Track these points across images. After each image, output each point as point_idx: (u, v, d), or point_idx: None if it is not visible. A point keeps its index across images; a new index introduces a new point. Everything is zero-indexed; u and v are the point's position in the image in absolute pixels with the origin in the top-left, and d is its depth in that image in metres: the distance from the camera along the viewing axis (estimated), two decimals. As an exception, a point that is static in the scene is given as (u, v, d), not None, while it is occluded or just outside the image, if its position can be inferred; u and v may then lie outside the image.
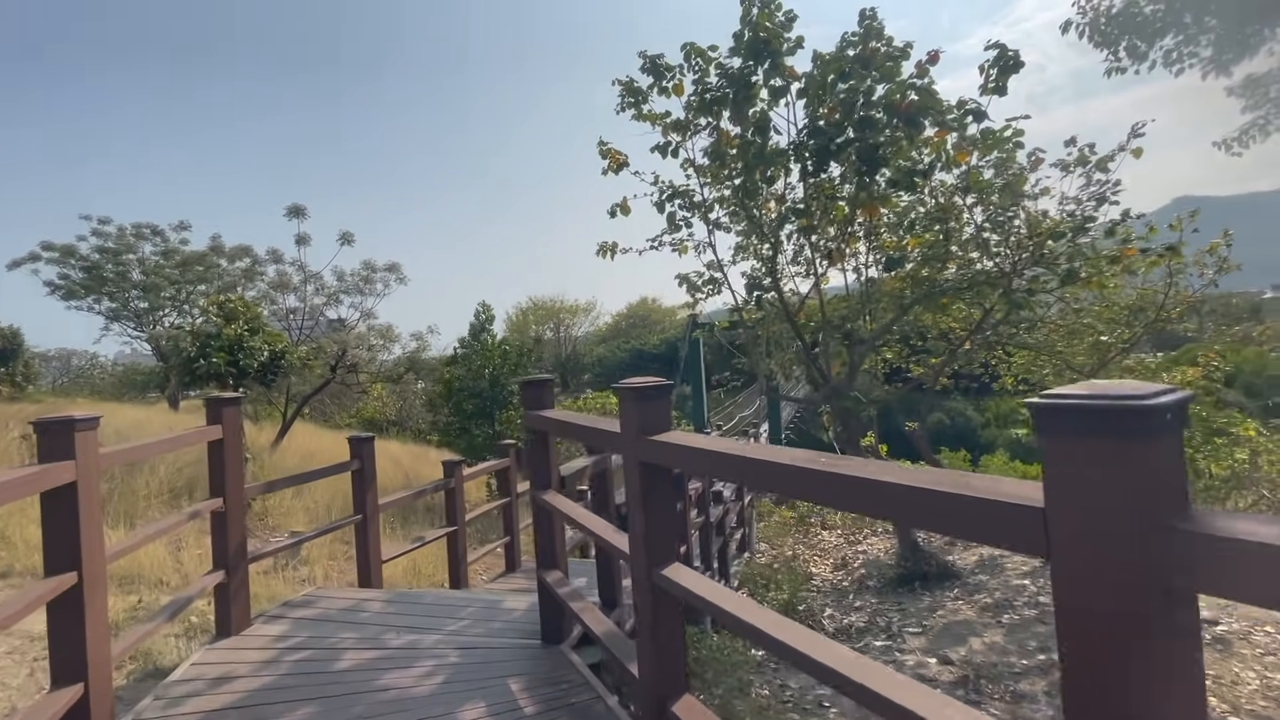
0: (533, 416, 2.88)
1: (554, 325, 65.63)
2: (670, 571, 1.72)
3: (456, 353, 12.46)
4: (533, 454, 2.96)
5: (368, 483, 4.16)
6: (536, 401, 2.91)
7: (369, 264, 11.98)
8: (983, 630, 5.40)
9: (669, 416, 1.81)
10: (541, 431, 2.91)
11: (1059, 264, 6.29)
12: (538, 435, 2.92)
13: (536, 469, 2.95)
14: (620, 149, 7.12)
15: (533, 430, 2.93)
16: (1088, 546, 0.81)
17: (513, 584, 5.62)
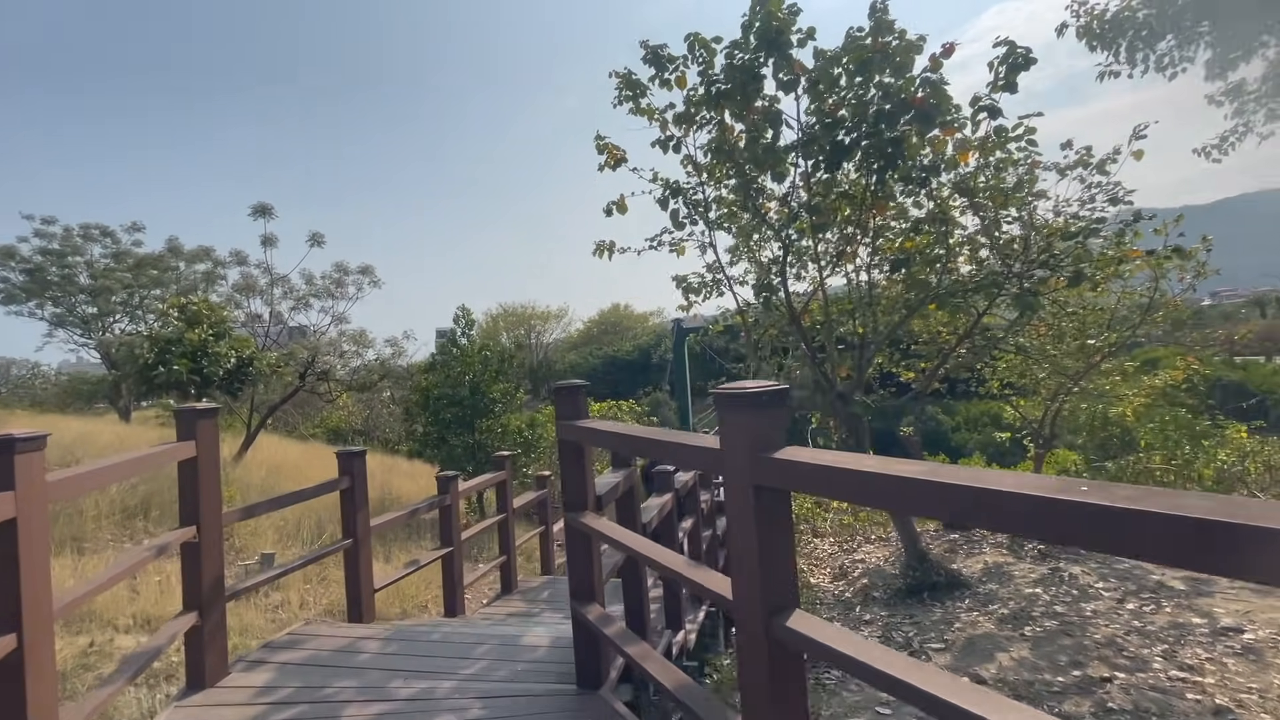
0: (567, 427, 2.50)
1: (525, 331, 64.83)
2: (796, 622, 1.37)
3: (434, 359, 11.90)
4: (566, 470, 2.59)
5: (359, 503, 3.72)
6: (571, 410, 2.54)
7: (341, 266, 11.38)
8: (1008, 644, 5.18)
9: (784, 428, 1.47)
10: (575, 444, 2.54)
11: (1064, 265, 6.19)
12: (571, 449, 2.55)
13: (570, 487, 2.58)
14: (618, 145, 6.80)
15: (565, 443, 2.55)
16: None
17: (510, 606, 5.20)
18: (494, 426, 12.10)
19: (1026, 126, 5.68)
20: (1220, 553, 0.70)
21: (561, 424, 2.54)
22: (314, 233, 11.62)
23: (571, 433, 2.51)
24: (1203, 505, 0.73)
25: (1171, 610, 5.61)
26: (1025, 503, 0.91)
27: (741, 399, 1.45)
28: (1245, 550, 0.67)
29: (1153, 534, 0.75)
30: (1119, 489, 0.82)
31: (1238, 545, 0.68)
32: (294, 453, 16.36)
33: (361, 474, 3.75)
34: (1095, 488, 0.86)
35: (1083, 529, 0.84)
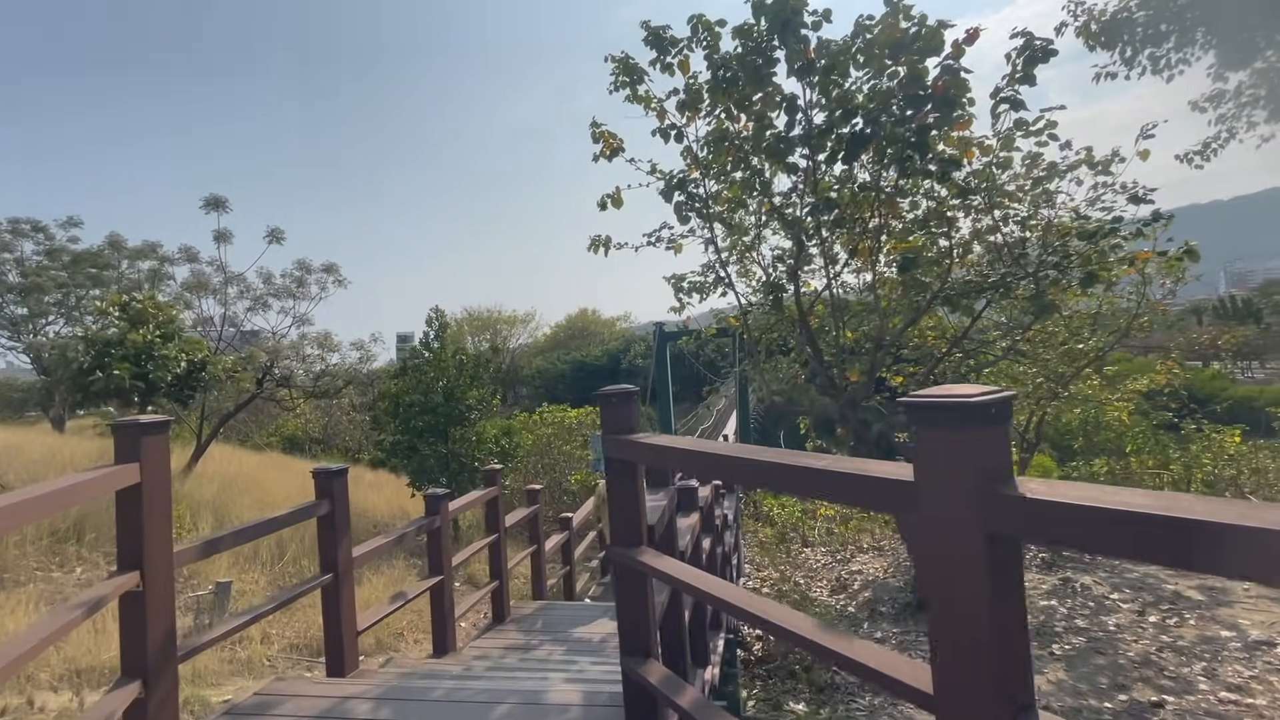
0: (619, 443, 2.03)
1: (492, 336, 63.61)
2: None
3: (406, 364, 11.20)
4: (615, 497, 2.11)
5: (340, 532, 3.15)
6: (620, 421, 2.07)
7: (302, 264, 10.60)
8: (1040, 665, 4.89)
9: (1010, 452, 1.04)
10: (629, 465, 2.07)
11: (1074, 266, 6.00)
12: (622, 471, 2.08)
13: (621, 517, 2.11)
14: (614, 133, 6.35)
15: (615, 463, 2.08)
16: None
17: (505, 638, 4.66)
18: (468, 435, 11.45)
19: (1048, 120, 5.46)
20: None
21: (610, 439, 2.07)
22: (272, 228, 10.80)
23: (624, 450, 2.04)
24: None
25: (1196, 623, 5.42)
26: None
27: (956, 410, 1.01)
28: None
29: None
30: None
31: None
32: (249, 464, 15.31)
33: (343, 497, 3.19)
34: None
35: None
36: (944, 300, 6.27)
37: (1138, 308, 8.87)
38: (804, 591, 8.03)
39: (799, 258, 5.78)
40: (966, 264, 6.78)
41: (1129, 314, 9.10)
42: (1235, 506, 0.87)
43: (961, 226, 6.64)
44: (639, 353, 60.92)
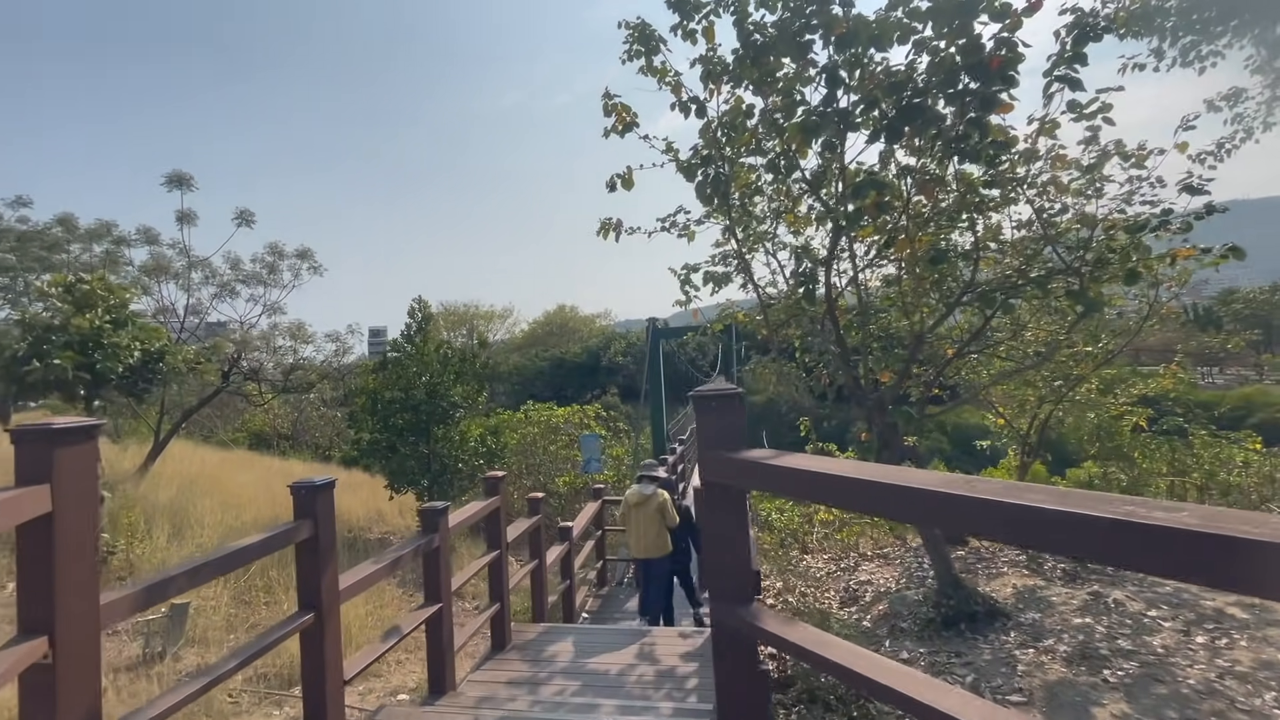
0: (721, 461, 1.49)
1: (468, 331, 62.48)
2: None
3: (386, 357, 10.48)
4: (712, 533, 1.57)
5: (324, 560, 2.55)
6: (722, 432, 1.53)
7: (274, 248, 9.81)
8: (1095, 695, 4.48)
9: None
10: (733, 491, 1.53)
11: (1113, 261, 5.63)
12: (725, 498, 1.53)
13: (719, 561, 1.56)
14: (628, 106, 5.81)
15: (716, 488, 1.54)
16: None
17: (509, 670, 4.08)
18: (451, 435, 10.78)
19: (1103, 102, 5.06)
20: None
21: (710, 456, 1.53)
22: (241, 210, 9.99)
23: (729, 471, 1.50)
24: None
25: (1248, 644, 5.07)
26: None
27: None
28: None
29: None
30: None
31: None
32: (212, 462, 14.39)
33: (328, 516, 2.59)
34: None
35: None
36: (978, 297, 5.86)
37: (1148, 310, 8.58)
38: (823, 609, 7.57)
39: (835, 245, 5.28)
40: (992, 261, 6.40)
41: (1138, 316, 8.82)
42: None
43: (991, 217, 6.26)
44: (619, 350, 60.26)
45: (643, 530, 5.59)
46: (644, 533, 5.60)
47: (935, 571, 6.56)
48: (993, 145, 4.74)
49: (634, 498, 5.68)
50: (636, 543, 5.67)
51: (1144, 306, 8.61)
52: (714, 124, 5.64)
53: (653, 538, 5.62)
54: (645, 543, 5.61)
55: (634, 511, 5.70)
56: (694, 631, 4.70)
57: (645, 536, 5.60)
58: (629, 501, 5.80)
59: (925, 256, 6.08)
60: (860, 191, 4.70)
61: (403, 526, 12.16)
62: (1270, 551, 0.68)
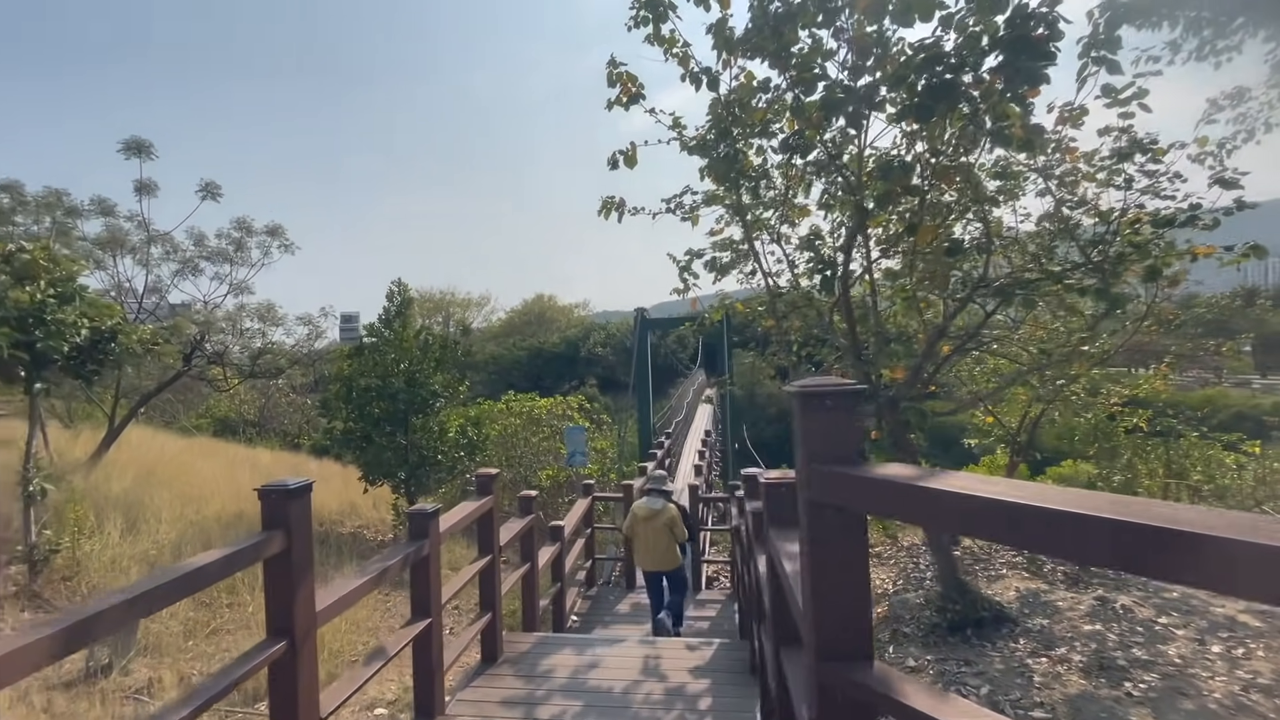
0: (835, 479, 1.13)
1: (444, 319, 61.39)
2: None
3: (362, 342, 9.93)
4: (820, 570, 1.21)
5: (298, 578, 2.14)
6: (834, 438, 1.17)
7: (242, 223, 9.17)
8: (1121, 710, 4.27)
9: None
10: (847, 515, 1.17)
11: (1131, 258, 5.42)
12: (835, 524, 1.17)
13: (827, 604, 1.20)
14: (634, 75, 5.40)
15: (826, 510, 1.18)
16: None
17: (502, 688, 3.70)
18: (430, 425, 10.29)
19: (1139, 88, 4.81)
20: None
21: (819, 471, 1.16)
22: (207, 182, 9.31)
23: (848, 491, 1.13)
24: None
25: (1265, 654, 4.92)
26: None
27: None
28: None
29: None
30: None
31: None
32: (173, 450, 13.64)
33: (303, 525, 2.17)
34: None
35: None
36: (996, 291, 5.60)
37: (1147, 309, 8.46)
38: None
39: (857, 230, 4.96)
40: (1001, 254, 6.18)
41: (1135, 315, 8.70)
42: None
43: (993, 211, 6.02)
44: (598, 341, 59.77)
45: (652, 544, 5.47)
46: (653, 546, 5.48)
47: (940, 574, 6.33)
48: (1027, 128, 4.44)
49: (643, 512, 5.52)
50: (645, 556, 5.52)
51: (1140, 306, 8.49)
52: (727, 99, 5.27)
53: (662, 551, 5.50)
54: (655, 556, 5.49)
55: (643, 525, 5.52)
56: (701, 643, 4.38)
57: (655, 550, 5.48)
58: (637, 515, 5.57)
59: (940, 248, 5.82)
60: (888, 173, 4.38)
61: (377, 520, 11.63)
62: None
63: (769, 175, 5.94)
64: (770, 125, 5.37)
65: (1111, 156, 5.27)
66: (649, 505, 5.55)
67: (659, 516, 5.50)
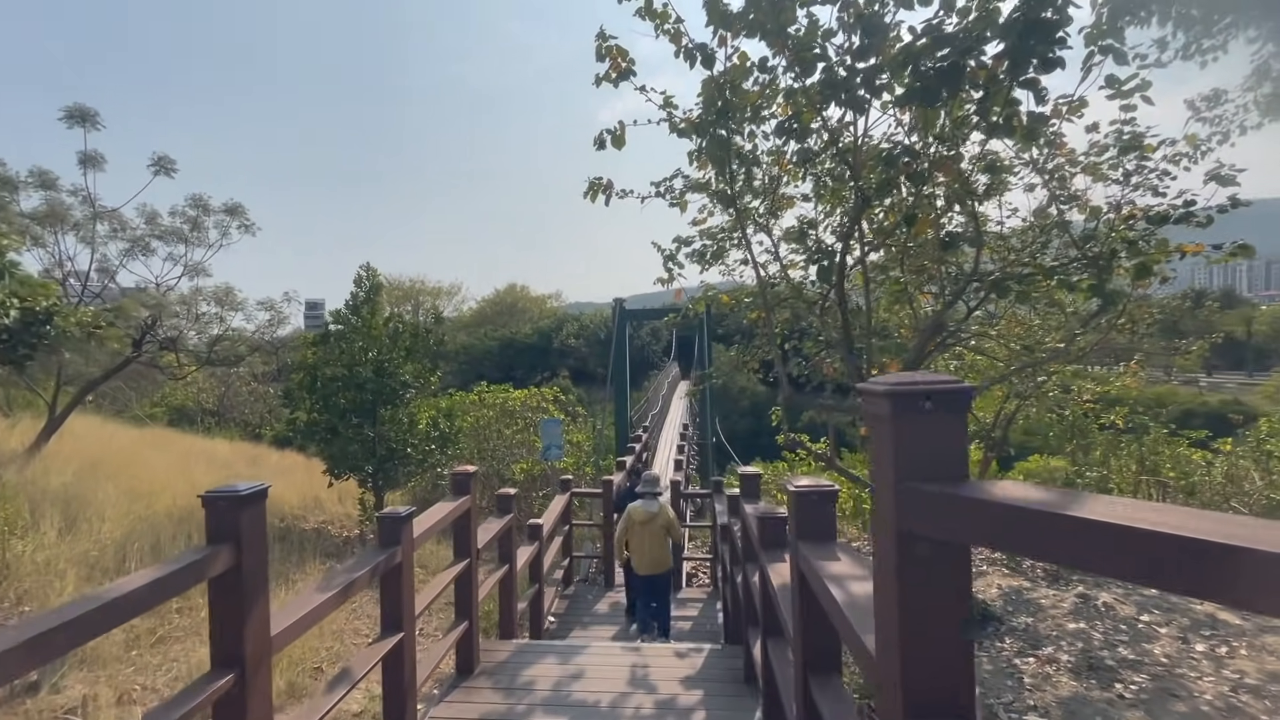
0: (947, 502, 0.89)
1: (413, 307, 60.12)
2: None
3: (328, 329, 9.44)
4: (913, 617, 0.97)
5: (251, 599, 1.83)
6: (940, 452, 0.93)
7: (198, 200, 8.59)
8: (1114, 712, 4.20)
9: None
10: (951, 550, 0.93)
11: (1121, 255, 5.37)
12: (935, 560, 0.94)
13: (913, 660, 0.97)
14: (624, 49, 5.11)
15: (916, 543, 0.94)
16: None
17: (480, 704, 3.43)
18: (400, 417, 9.87)
19: (1143, 79, 4.71)
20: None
21: (915, 492, 0.93)
22: (159, 156, 8.68)
23: (952, 517, 0.90)
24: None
25: (1248, 653, 4.93)
26: None
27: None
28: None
29: None
30: None
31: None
32: (123, 441, 12.91)
33: (257, 538, 1.86)
34: None
35: None
36: (992, 285, 5.49)
37: (1122, 308, 8.49)
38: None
39: (856, 218, 4.76)
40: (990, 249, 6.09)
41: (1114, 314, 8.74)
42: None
43: (988, 202, 5.92)
44: (571, 332, 59.23)
45: (648, 547, 5.41)
46: (649, 549, 5.41)
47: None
48: (1031, 117, 4.29)
49: (640, 515, 5.47)
50: (640, 560, 5.43)
51: (1117, 304, 8.51)
52: (720, 80, 5.00)
53: (658, 554, 5.46)
54: (651, 560, 5.43)
55: (640, 529, 5.45)
56: (690, 649, 4.17)
57: (651, 553, 5.42)
58: (634, 519, 5.48)
59: (933, 241, 5.68)
60: (892, 160, 4.18)
61: (342, 514, 11.17)
62: None
63: (759, 162, 5.72)
64: (762, 110, 5.13)
65: (1112, 149, 5.18)
66: (645, 509, 5.47)
67: (655, 519, 5.45)
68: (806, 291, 5.60)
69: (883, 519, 0.98)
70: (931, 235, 5.10)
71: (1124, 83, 4.72)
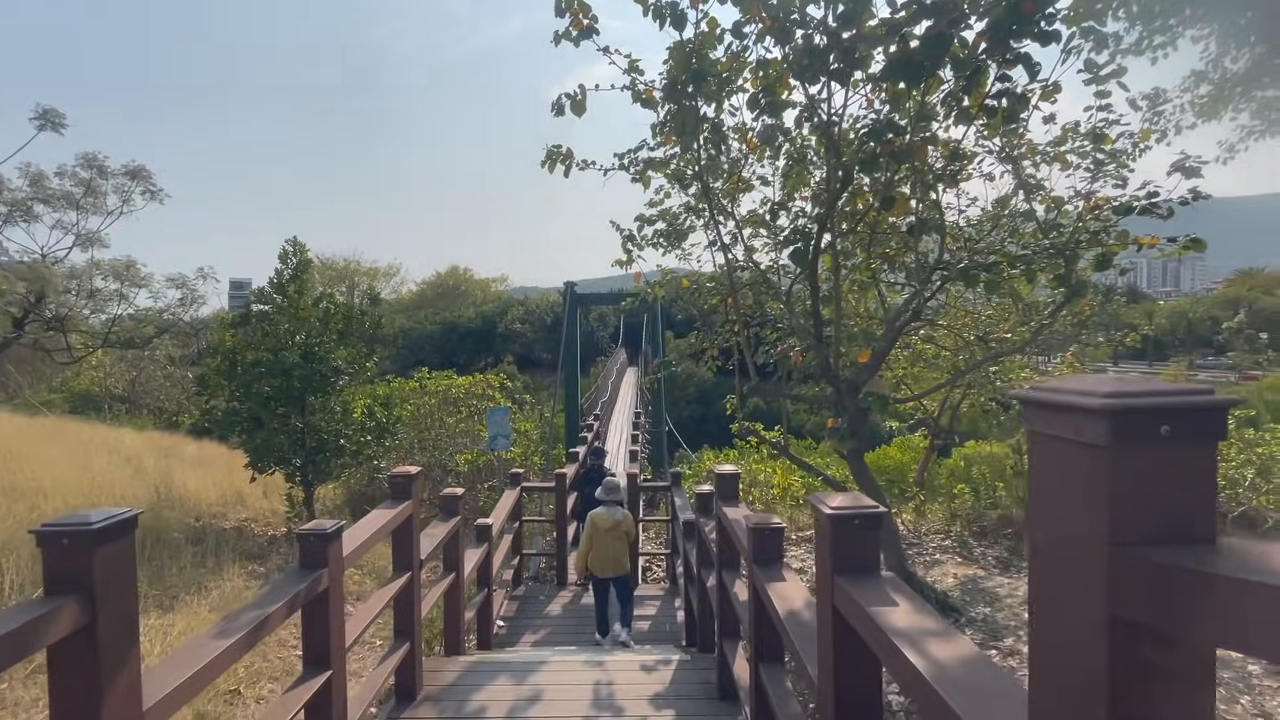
0: (1193, 582, 0.54)
1: (348, 288, 57.35)
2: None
3: (250, 310, 8.57)
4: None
5: (108, 668, 1.36)
6: (1173, 499, 0.58)
7: (91, 160, 7.55)
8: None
9: None
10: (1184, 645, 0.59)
11: (1083, 246, 5.36)
12: (1175, 662, 0.59)
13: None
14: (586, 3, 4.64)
15: (1148, 634, 0.59)
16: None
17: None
18: (332, 405, 9.12)
19: (1119, 65, 4.62)
20: None
21: (1145, 564, 0.58)
22: (44, 109, 7.57)
23: (1200, 603, 0.56)
24: None
25: (1196, 639, 5.07)
26: None
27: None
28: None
29: None
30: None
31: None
32: (6, 432, 11.54)
33: (120, 584, 1.38)
34: None
35: None
36: (960, 274, 5.37)
37: (1063, 299, 8.66)
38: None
39: (834, 199, 4.48)
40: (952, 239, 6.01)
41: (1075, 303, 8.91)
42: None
43: (949, 190, 5.84)
44: (517, 316, 57.86)
45: (610, 551, 5.52)
46: (612, 553, 5.52)
47: (888, 566, 6.14)
48: (1012, 98, 4.11)
49: (604, 522, 5.54)
50: (603, 564, 5.50)
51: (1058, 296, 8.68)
52: (688, 47, 4.61)
53: (619, 558, 5.56)
54: (612, 563, 5.53)
55: (603, 536, 5.54)
56: (658, 661, 3.85)
57: (614, 556, 5.53)
58: (598, 525, 5.54)
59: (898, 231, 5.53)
60: (877, 134, 3.91)
61: (267, 510, 10.31)
62: None
63: (727, 138, 5.37)
64: (731, 82, 4.78)
65: (1082, 139, 5.12)
66: (610, 515, 5.56)
67: (620, 526, 5.57)
68: (772, 277, 5.34)
69: (1074, 595, 0.65)
70: (901, 220, 4.92)
71: (1101, 68, 4.62)
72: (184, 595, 5.87)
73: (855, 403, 5.35)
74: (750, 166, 5.79)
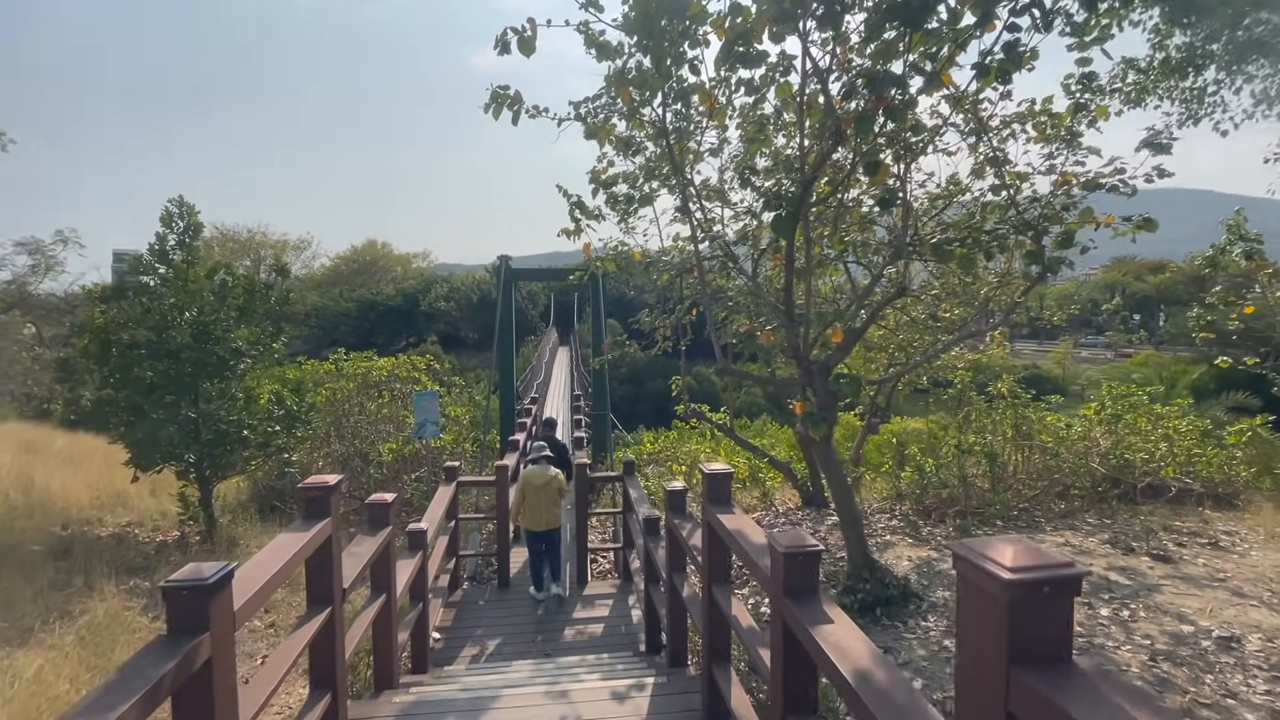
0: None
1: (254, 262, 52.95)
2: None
3: (124, 281, 7.29)
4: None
5: None
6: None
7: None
8: (1061, 699, 4.06)
9: None
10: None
11: (1047, 224, 5.26)
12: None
13: None
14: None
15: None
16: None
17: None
18: (233, 392, 8.02)
19: (1102, 29, 4.42)
20: None
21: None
22: None
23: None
24: None
25: (1147, 615, 5.10)
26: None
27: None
28: None
29: None
30: None
31: None
32: None
33: None
34: None
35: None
36: (933, 250, 5.13)
37: (1000, 281, 8.76)
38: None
39: (824, 157, 4.04)
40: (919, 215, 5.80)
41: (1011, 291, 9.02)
42: None
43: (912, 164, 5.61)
44: (441, 294, 55.27)
45: (542, 508, 5.92)
46: (545, 509, 5.93)
47: (849, 552, 5.93)
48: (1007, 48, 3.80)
49: (537, 479, 5.93)
50: (536, 518, 5.91)
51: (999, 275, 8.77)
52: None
53: (552, 512, 5.96)
54: (545, 517, 5.93)
55: (534, 492, 5.91)
56: (631, 686, 3.37)
57: (546, 512, 5.93)
58: (531, 483, 5.92)
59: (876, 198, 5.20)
60: (875, 86, 3.49)
61: (156, 512, 9.05)
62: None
63: (689, 95, 4.84)
64: (696, 29, 4.23)
65: (1071, 109, 4.94)
66: (543, 472, 5.94)
67: (551, 484, 5.95)
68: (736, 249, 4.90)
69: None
70: (867, 194, 4.59)
71: (1087, 31, 4.40)
72: (42, 626, 4.86)
73: (826, 385, 5.03)
74: (706, 132, 5.30)
